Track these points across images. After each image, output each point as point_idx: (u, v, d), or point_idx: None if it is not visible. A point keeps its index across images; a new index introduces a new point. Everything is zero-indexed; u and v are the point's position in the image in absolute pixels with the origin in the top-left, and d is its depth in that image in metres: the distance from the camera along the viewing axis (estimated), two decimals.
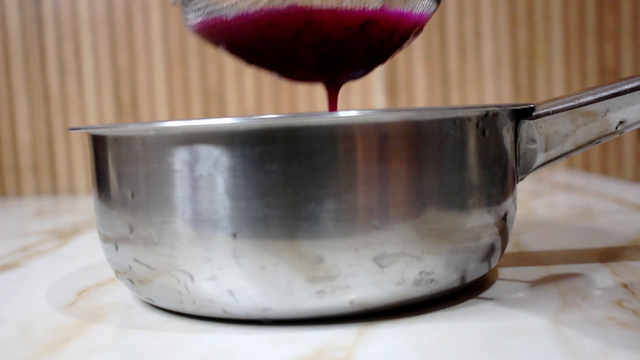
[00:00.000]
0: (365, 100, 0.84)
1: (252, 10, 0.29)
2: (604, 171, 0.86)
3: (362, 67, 0.34)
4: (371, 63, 0.34)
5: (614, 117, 0.31)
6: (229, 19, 0.30)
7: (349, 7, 0.29)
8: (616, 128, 0.31)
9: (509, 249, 0.38)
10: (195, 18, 0.31)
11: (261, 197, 0.24)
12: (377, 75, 0.84)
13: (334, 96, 0.34)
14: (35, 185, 0.84)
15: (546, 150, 0.31)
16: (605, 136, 0.32)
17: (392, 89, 0.84)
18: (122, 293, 0.32)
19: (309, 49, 0.30)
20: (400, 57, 0.83)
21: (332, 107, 0.34)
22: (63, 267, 0.39)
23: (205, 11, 0.30)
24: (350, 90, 0.83)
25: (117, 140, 0.27)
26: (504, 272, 0.33)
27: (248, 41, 0.31)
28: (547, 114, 0.31)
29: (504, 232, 0.29)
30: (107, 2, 0.82)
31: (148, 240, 0.26)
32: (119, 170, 0.27)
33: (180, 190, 0.25)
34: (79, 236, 0.51)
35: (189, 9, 0.31)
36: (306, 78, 0.35)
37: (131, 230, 0.27)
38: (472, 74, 0.85)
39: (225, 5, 0.29)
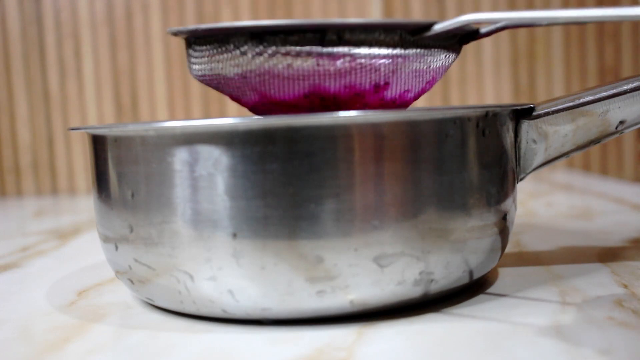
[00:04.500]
0: None
1: (256, 73, 0.28)
2: (604, 171, 0.86)
3: None
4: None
5: (614, 117, 0.31)
6: (231, 77, 0.28)
7: (359, 68, 0.27)
8: (616, 128, 0.31)
9: (509, 249, 0.38)
10: (198, 70, 0.30)
11: (261, 197, 0.24)
12: None
13: None
14: (35, 185, 0.84)
15: (546, 150, 0.31)
16: (605, 136, 0.32)
17: None
18: (122, 293, 0.32)
19: (316, 111, 0.29)
20: None
21: None
22: (63, 267, 0.39)
23: (208, 67, 0.29)
24: None
25: (117, 140, 0.27)
26: (504, 272, 0.33)
27: (251, 100, 0.30)
28: (547, 114, 0.31)
29: (504, 232, 0.29)
30: (107, 2, 0.82)
31: (148, 240, 0.26)
32: (119, 170, 0.27)
33: (180, 190, 0.25)
34: (79, 236, 0.51)
35: (193, 61, 0.30)
36: None
37: (131, 230, 0.27)
38: (472, 74, 0.85)
39: (227, 64, 0.28)
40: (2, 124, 0.83)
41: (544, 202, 0.58)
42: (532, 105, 0.31)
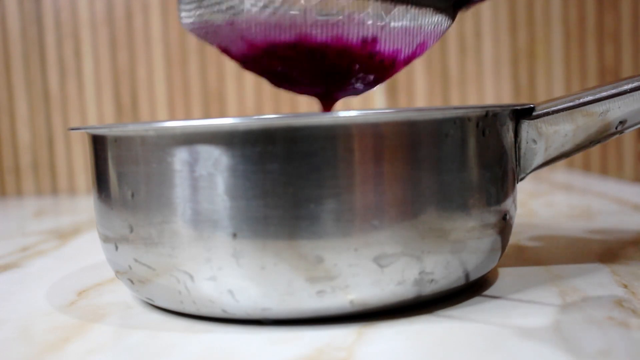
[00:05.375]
0: (365, 100, 0.84)
1: (243, 18, 0.27)
2: (604, 171, 0.86)
3: (360, 86, 0.32)
4: (371, 83, 0.32)
5: (614, 117, 0.31)
6: (219, 24, 0.28)
7: (346, 23, 0.27)
8: (616, 128, 0.31)
9: (509, 249, 0.38)
10: (187, 17, 0.30)
11: (261, 197, 0.24)
12: None
13: (327, 110, 0.33)
14: (35, 185, 0.84)
15: (546, 150, 0.31)
16: (605, 136, 0.32)
17: (392, 89, 0.84)
18: (122, 293, 0.32)
19: (304, 64, 0.29)
20: None
21: None
22: (63, 267, 0.39)
23: (197, 13, 0.29)
24: None
25: (117, 140, 0.27)
26: (504, 272, 0.33)
27: (240, 49, 0.29)
28: (547, 114, 0.31)
29: (504, 232, 0.29)
30: (107, 2, 0.82)
31: (148, 240, 0.26)
32: (119, 170, 0.27)
33: (180, 190, 0.25)
34: (79, 236, 0.51)
35: (182, 7, 0.30)
36: (300, 91, 0.33)
37: (131, 230, 0.27)
38: (472, 74, 0.85)
39: (215, 10, 0.28)
40: (2, 124, 0.83)
41: (544, 202, 0.58)
42: (532, 105, 0.31)
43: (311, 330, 0.25)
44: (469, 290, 0.30)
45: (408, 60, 0.29)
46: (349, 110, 0.29)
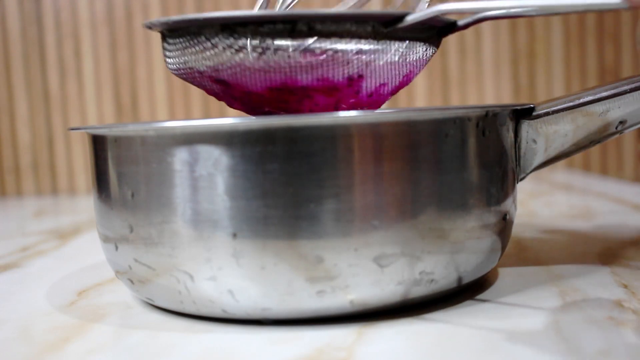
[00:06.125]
0: None
1: (227, 65, 0.27)
2: (604, 171, 0.86)
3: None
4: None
5: (614, 117, 0.31)
6: (204, 70, 0.28)
7: (331, 63, 0.27)
8: (616, 128, 0.31)
9: (509, 249, 0.38)
10: (172, 64, 0.30)
11: (261, 197, 0.24)
12: None
13: None
14: (35, 185, 0.84)
15: (546, 150, 0.31)
16: (605, 136, 0.32)
17: None
18: (122, 293, 0.32)
19: (290, 105, 0.28)
20: None
21: None
22: (63, 267, 0.39)
23: (180, 60, 0.29)
24: None
25: (117, 140, 0.27)
26: (504, 272, 0.33)
27: (224, 94, 0.29)
28: (547, 114, 0.31)
29: (504, 232, 0.29)
30: (107, 2, 0.82)
31: (148, 240, 0.26)
32: (119, 170, 0.27)
33: (180, 190, 0.25)
34: (79, 236, 0.51)
35: (167, 54, 0.30)
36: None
37: (131, 230, 0.27)
38: (472, 74, 0.85)
39: (200, 57, 0.28)
40: (2, 124, 0.83)
41: (544, 202, 0.58)
42: (532, 105, 0.31)
43: (311, 330, 0.25)
44: (468, 290, 0.30)
45: (395, 91, 0.29)
46: (348, 111, 0.29)
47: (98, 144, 0.29)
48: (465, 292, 0.29)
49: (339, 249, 0.24)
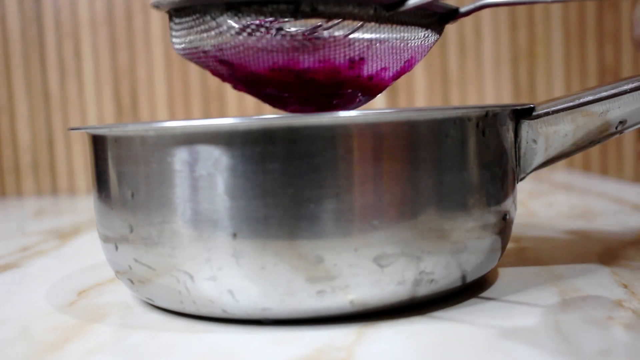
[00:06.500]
0: None
1: (232, 45, 0.27)
2: (604, 171, 0.86)
3: (351, 104, 0.31)
4: (361, 101, 0.31)
5: (614, 117, 0.31)
6: (209, 50, 0.28)
7: (333, 45, 0.27)
8: (616, 128, 0.31)
9: (509, 249, 0.38)
10: (178, 44, 0.30)
11: (261, 197, 0.24)
12: None
13: None
14: (35, 185, 0.84)
15: (546, 150, 0.31)
16: (605, 136, 0.32)
17: (392, 89, 0.84)
18: (122, 293, 0.32)
19: (292, 87, 0.28)
20: None
21: None
22: (63, 267, 0.39)
23: (187, 39, 0.29)
24: None
25: (117, 140, 0.27)
26: (504, 272, 0.33)
27: (229, 74, 0.29)
28: (547, 114, 0.31)
29: (504, 232, 0.29)
30: (107, 2, 0.82)
31: (148, 240, 0.26)
32: (119, 170, 0.27)
33: (180, 190, 0.25)
34: (79, 236, 0.51)
35: (173, 34, 0.30)
36: (292, 110, 0.32)
37: (131, 230, 0.27)
38: (472, 74, 0.85)
39: (205, 36, 0.28)
40: (2, 124, 0.83)
41: (544, 202, 0.58)
42: (532, 105, 0.31)
43: (311, 330, 0.25)
44: (468, 290, 0.30)
45: (397, 76, 0.30)
46: (348, 111, 0.29)
47: (98, 144, 0.29)
48: (465, 292, 0.29)
49: (339, 249, 0.24)
